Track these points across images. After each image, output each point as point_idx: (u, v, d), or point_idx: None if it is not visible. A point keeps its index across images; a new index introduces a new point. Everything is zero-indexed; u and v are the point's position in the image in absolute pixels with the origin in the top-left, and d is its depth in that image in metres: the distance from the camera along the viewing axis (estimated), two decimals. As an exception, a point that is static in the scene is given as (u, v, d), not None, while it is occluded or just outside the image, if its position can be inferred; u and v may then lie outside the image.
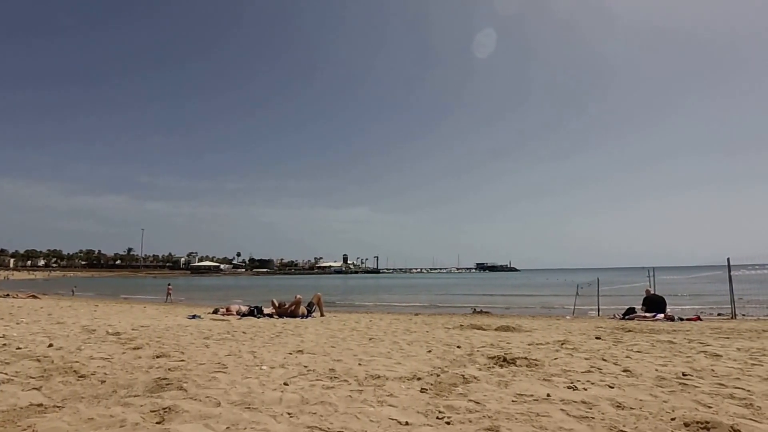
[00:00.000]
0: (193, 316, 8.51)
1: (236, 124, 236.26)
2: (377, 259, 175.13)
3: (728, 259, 12.63)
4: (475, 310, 17.07)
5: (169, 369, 3.17)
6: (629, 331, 6.34)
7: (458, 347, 4.56)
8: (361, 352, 4.20)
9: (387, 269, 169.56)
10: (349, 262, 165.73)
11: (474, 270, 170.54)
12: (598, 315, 14.47)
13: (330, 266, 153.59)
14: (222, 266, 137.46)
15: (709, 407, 2.15)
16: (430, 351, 4.31)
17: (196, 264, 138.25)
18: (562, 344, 4.49)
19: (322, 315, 9.83)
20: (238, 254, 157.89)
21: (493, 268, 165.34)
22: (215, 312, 9.66)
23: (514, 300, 23.88)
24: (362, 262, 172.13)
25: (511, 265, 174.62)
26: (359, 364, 3.52)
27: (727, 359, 3.55)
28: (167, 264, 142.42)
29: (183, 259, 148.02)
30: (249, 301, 14.34)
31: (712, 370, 3.03)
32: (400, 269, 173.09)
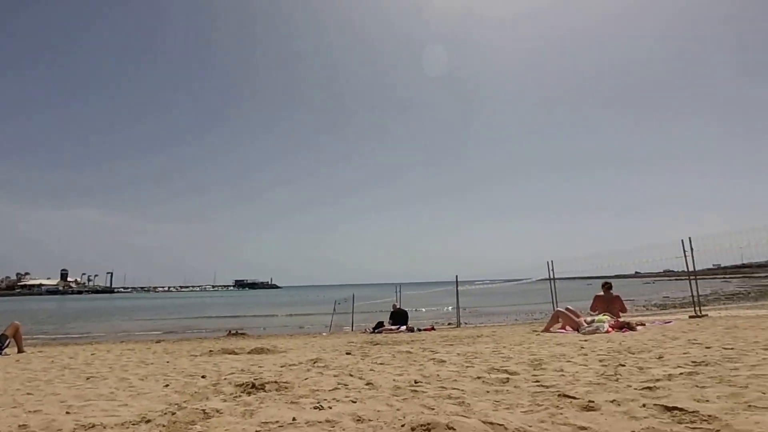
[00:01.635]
0: None
1: None
2: (111, 276, 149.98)
3: (456, 276, 15.97)
4: (230, 332, 16.44)
5: None
6: (377, 344, 7.15)
7: (203, 377, 4.22)
8: (73, 397, 3.43)
9: (124, 288, 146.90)
10: (69, 279, 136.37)
11: (232, 287, 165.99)
12: (353, 330, 15.98)
13: (41, 284, 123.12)
14: None
15: (432, 409, 2.54)
16: (167, 385, 3.84)
17: None
18: (315, 363, 4.69)
19: (20, 351, 7.76)
20: None
21: (253, 286, 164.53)
22: None
23: (273, 319, 24.07)
24: (90, 280, 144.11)
25: (273, 282, 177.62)
26: (67, 413, 2.84)
27: (449, 364, 4.34)
28: None
29: None
30: None
31: (438, 375, 3.65)
32: (142, 288, 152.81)
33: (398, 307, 14.00)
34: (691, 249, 10.71)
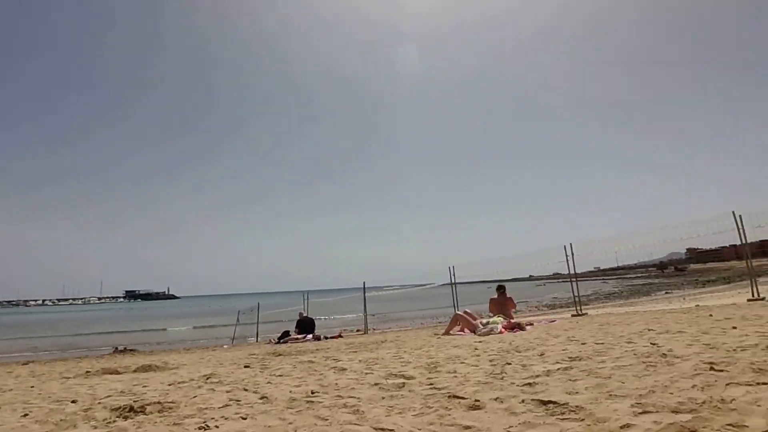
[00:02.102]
0: None
1: None
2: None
3: (364, 283, 16.14)
4: (116, 349, 15.05)
5: None
6: (279, 355, 6.94)
7: (73, 402, 3.75)
8: None
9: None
10: None
11: (123, 299, 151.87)
12: (257, 341, 15.39)
13: None
14: None
15: (326, 420, 2.51)
16: (26, 414, 3.34)
17: None
18: (208, 378, 4.40)
19: None
20: None
21: (147, 296, 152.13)
22: None
23: (169, 333, 22.37)
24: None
25: (170, 292, 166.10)
26: None
27: (350, 372, 4.32)
28: None
29: None
30: None
31: (336, 384, 3.61)
32: (9, 302, 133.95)
33: (305, 315, 13.78)
34: (572, 254, 11.93)
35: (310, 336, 12.22)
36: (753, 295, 9.65)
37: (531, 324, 8.46)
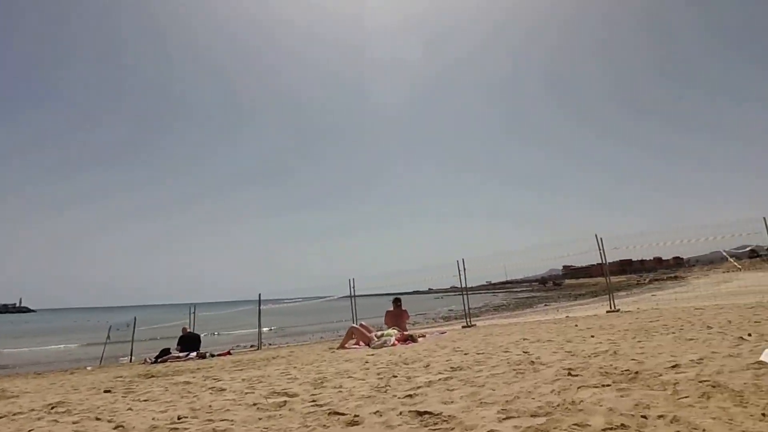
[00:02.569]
0: None
1: None
2: None
3: (259, 295, 15.47)
4: (-58, 376, 12.65)
5: None
6: (152, 376, 6.33)
7: None
8: None
9: None
10: None
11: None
12: (131, 360, 13.97)
13: None
14: None
15: (188, 448, 2.31)
16: None
17: None
18: (53, 408, 3.83)
19: None
20: None
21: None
22: None
23: (17, 354, 19.43)
24: None
25: (23, 305, 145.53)
26: None
27: (229, 392, 4.05)
28: None
29: None
30: None
31: (210, 407, 3.36)
32: None
33: (189, 330, 12.86)
34: (465, 268, 12.69)
35: (193, 354, 11.39)
36: (610, 307, 11.12)
37: (423, 336, 8.75)
